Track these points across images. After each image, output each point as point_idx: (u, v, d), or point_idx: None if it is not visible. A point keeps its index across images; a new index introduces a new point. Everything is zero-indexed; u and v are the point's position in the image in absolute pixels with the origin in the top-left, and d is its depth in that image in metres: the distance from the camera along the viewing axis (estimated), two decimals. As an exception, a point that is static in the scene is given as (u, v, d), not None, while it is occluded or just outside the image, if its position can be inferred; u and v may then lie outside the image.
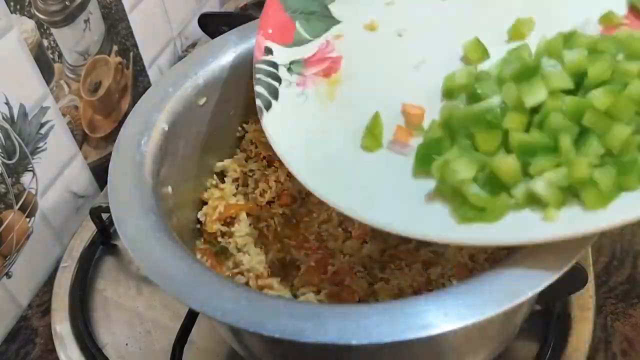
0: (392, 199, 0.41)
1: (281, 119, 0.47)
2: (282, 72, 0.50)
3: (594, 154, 0.35)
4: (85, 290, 0.59)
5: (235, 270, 0.49)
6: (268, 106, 0.48)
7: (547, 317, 0.50)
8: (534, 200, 0.36)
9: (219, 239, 0.51)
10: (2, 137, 0.55)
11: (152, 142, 0.46)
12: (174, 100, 0.50)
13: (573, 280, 0.43)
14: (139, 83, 0.76)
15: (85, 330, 0.54)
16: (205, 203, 0.53)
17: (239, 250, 0.50)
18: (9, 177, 0.57)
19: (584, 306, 0.52)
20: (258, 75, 0.49)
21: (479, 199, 0.37)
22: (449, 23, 0.50)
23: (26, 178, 0.59)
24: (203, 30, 0.70)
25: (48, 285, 0.63)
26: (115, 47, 0.71)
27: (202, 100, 0.52)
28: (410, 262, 0.47)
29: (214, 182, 0.55)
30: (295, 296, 0.47)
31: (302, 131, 0.47)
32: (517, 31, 0.47)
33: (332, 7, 0.53)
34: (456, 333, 0.33)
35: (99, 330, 0.56)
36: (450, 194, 0.39)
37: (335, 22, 0.52)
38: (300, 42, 0.51)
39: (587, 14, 0.45)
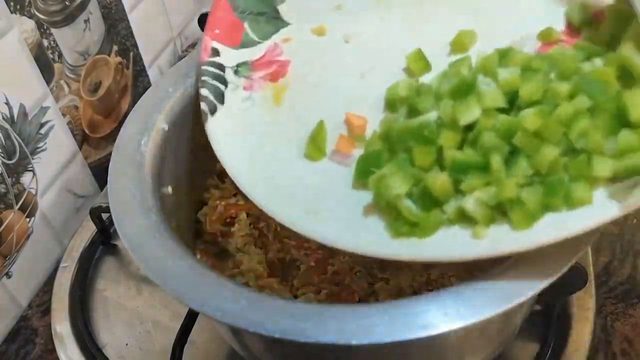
0: (332, 212, 0.41)
1: (225, 124, 0.46)
2: (229, 75, 0.48)
3: (522, 174, 0.36)
4: (85, 290, 0.59)
5: (235, 270, 0.49)
6: (213, 110, 0.47)
7: (547, 317, 0.50)
8: (464, 218, 0.37)
9: (219, 239, 0.51)
10: (2, 137, 0.55)
11: (152, 142, 0.46)
12: (174, 100, 0.50)
13: (573, 280, 0.43)
14: (139, 83, 0.76)
15: (85, 330, 0.54)
16: (205, 203, 0.53)
17: (239, 250, 0.50)
18: (9, 177, 0.57)
19: (584, 306, 0.52)
20: (204, 78, 0.48)
21: (412, 214, 0.37)
22: (395, 32, 0.49)
23: (26, 178, 0.59)
24: (203, 31, 0.70)
25: (48, 285, 0.63)
26: (115, 47, 0.71)
27: (202, 100, 0.52)
28: (410, 262, 0.47)
29: (214, 182, 0.55)
30: (295, 296, 0.47)
31: (247, 137, 0.46)
32: (460, 43, 0.46)
33: (282, 9, 0.51)
34: (456, 333, 0.33)
35: (99, 330, 0.56)
36: (386, 208, 0.39)
37: (284, 24, 0.51)
38: (248, 43, 0.50)
39: (530, 29, 0.45)
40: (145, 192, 0.43)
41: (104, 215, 0.61)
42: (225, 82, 0.48)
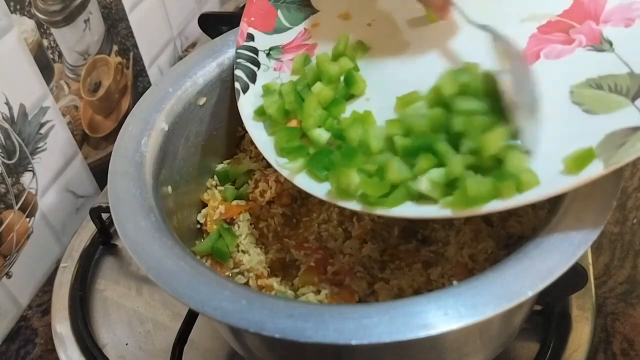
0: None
1: (255, 100, 0.50)
2: (262, 58, 0.53)
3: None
4: (85, 290, 0.59)
5: (235, 271, 0.49)
6: (245, 88, 0.51)
7: (547, 317, 0.50)
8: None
9: (219, 239, 0.51)
10: (2, 137, 0.56)
11: (152, 142, 0.47)
12: (174, 100, 0.50)
13: (573, 280, 0.44)
14: (139, 83, 0.77)
15: (85, 330, 0.54)
16: (205, 204, 0.53)
17: (239, 250, 0.50)
18: (9, 177, 0.57)
19: (584, 306, 0.52)
20: (239, 60, 0.52)
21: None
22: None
23: (26, 178, 0.59)
24: (203, 30, 0.70)
25: (48, 285, 0.63)
26: (115, 47, 0.71)
27: (202, 100, 0.52)
28: (410, 262, 0.47)
29: (213, 182, 0.55)
30: (295, 296, 0.47)
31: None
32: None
33: None
34: (456, 333, 0.33)
35: (99, 330, 0.56)
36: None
37: (313, 11, 0.55)
38: (280, 29, 0.55)
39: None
40: (145, 192, 0.43)
41: (104, 215, 0.61)
42: (257, 64, 0.53)
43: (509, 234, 0.47)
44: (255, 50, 0.53)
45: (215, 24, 0.68)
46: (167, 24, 0.82)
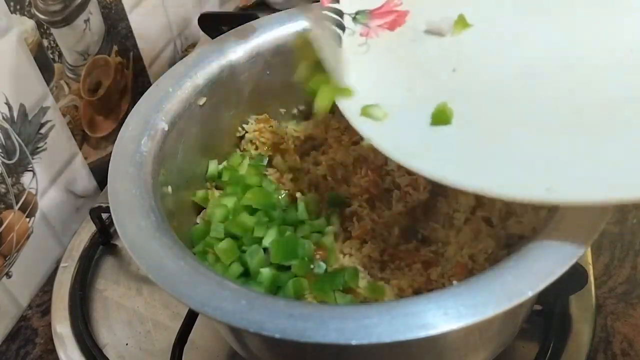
0: (425, 148, 0.42)
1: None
2: (347, 21, 0.50)
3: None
4: (85, 290, 0.59)
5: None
6: None
7: (547, 317, 0.50)
8: None
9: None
10: (2, 137, 0.55)
11: (152, 142, 0.46)
12: (174, 100, 0.50)
13: (573, 280, 0.44)
14: (139, 83, 0.76)
15: (85, 330, 0.54)
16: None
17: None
18: (9, 177, 0.57)
19: (584, 306, 0.52)
20: (323, 21, 0.50)
21: None
22: None
23: (26, 178, 0.59)
24: (203, 30, 0.70)
25: (48, 285, 0.63)
26: (115, 47, 0.71)
27: (202, 100, 0.52)
28: (410, 262, 0.47)
29: (214, 183, 0.55)
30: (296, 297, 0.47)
31: (360, 79, 0.47)
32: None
33: None
34: (456, 333, 0.33)
35: (99, 330, 0.56)
36: None
37: None
38: None
39: None
40: (145, 192, 0.43)
41: (104, 215, 0.61)
42: (342, 27, 0.50)
43: (509, 234, 0.47)
44: (340, 13, 0.50)
45: (215, 24, 0.67)
46: (167, 24, 0.82)
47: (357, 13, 0.51)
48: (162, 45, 0.82)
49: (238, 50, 0.54)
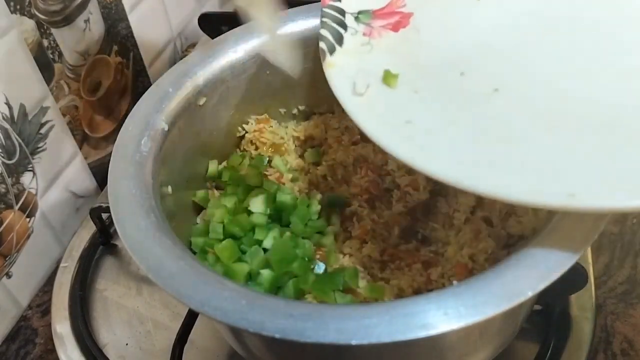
0: (438, 146, 0.41)
1: (342, 64, 0.48)
2: (349, 20, 0.50)
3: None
4: (85, 290, 0.59)
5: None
6: (332, 50, 0.49)
7: (547, 317, 0.50)
8: None
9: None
10: (2, 137, 0.55)
11: (152, 142, 0.46)
12: (174, 100, 0.50)
13: (573, 280, 0.44)
14: (139, 83, 0.76)
15: (85, 330, 0.54)
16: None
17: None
18: (9, 177, 0.57)
19: (584, 306, 0.52)
20: (324, 19, 0.50)
21: None
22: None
23: (26, 178, 0.59)
24: (203, 30, 0.70)
25: (48, 285, 0.63)
26: (115, 47, 0.71)
27: (202, 100, 0.52)
28: (410, 262, 0.47)
29: (213, 183, 0.55)
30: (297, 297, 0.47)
31: (363, 79, 0.46)
32: None
33: None
34: (456, 333, 0.33)
35: (99, 330, 0.56)
36: None
37: None
38: None
39: None
40: (145, 192, 0.43)
41: (104, 215, 0.61)
42: (344, 26, 0.50)
43: (509, 234, 0.47)
44: (342, 12, 0.50)
45: (215, 24, 0.68)
46: (167, 24, 0.82)
47: (359, 13, 0.50)
48: (162, 45, 0.82)
49: (238, 50, 0.54)
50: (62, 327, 0.56)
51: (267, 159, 0.56)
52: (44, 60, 0.60)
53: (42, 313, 0.62)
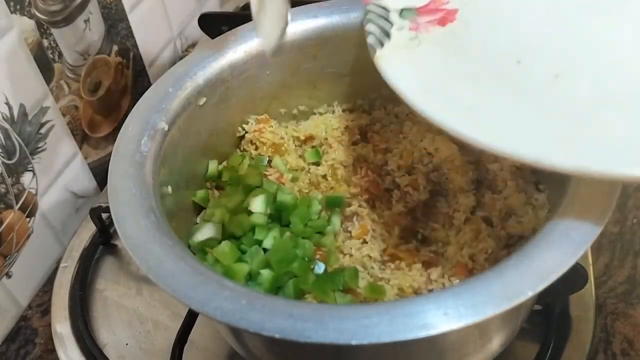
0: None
1: (393, 57, 0.47)
2: (394, 17, 0.50)
3: None
4: (85, 290, 0.59)
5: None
6: (381, 44, 0.48)
7: (547, 317, 0.50)
8: None
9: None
10: (2, 137, 0.56)
11: (152, 142, 0.46)
12: (174, 100, 0.50)
13: (573, 280, 0.44)
14: (139, 83, 0.76)
15: (85, 330, 0.54)
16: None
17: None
18: (9, 177, 0.57)
19: (584, 306, 0.52)
20: (369, 16, 0.50)
21: None
22: None
23: (26, 178, 0.59)
24: (203, 30, 0.70)
25: (48, 285, 0.63)
26: (115, 47, 0.71)
27: (202, 100, 0.52)
28: (410, 262, 0.47)
29: (213, 183, 0.55)
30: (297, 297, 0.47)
31: (415, 72, 0.46)
32: None
33: None
34: (456, 333, 0.33)
35: (99, 330, 0.56)
36: None
37: None
38: None
39: None
40: (145, 192, 0.43)
41: (104, 215, 0.61)
42: (390, 22, 0.50)
43: (509, 234, 0.47)
44: (385, 9, 0.50)
45: (215, 24, 0.68)
46: (167, 24, 0.82)
47: (402, 10, 0.50)
48: (162, 45, 0.82)
49: (238, 50, 0.54)
50: (62, 327, 0.56)
51: (267, 159, 0.55)
52: (44, 60, 0.60)
53: (42, 313, 0.62)
